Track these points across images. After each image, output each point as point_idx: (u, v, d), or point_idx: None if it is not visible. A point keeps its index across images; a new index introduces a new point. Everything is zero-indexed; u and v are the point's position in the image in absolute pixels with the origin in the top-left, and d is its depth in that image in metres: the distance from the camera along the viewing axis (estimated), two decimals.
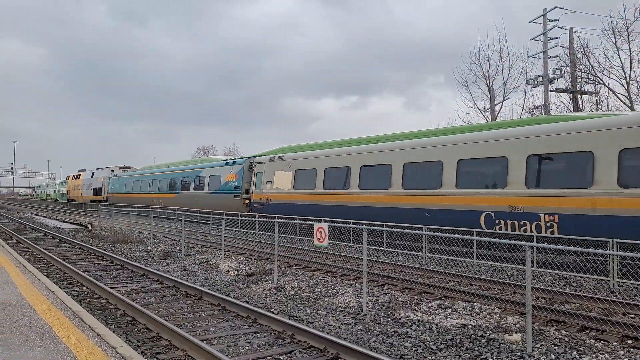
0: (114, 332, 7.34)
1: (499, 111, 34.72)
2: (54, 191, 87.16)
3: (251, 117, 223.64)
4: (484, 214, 15.93)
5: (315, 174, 23.77)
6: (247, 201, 28.96)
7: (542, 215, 14.43)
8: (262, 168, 28.14)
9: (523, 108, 34.05)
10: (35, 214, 47.91)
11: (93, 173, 60.81)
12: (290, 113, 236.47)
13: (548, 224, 14.22)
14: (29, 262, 14.31)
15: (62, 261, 15.44)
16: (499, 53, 36.25)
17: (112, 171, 55.84)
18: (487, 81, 35.28)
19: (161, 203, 39.39)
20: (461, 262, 15.02)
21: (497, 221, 15.57)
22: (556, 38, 31.82)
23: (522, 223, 14.91)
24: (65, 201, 71.31)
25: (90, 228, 29.78)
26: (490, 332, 8.09)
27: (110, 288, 11.27)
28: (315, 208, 22.94)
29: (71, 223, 33.96)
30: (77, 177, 66.35)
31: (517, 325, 8.46)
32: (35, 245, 20.04)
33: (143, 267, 14.51)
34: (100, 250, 18.71)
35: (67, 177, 74.55)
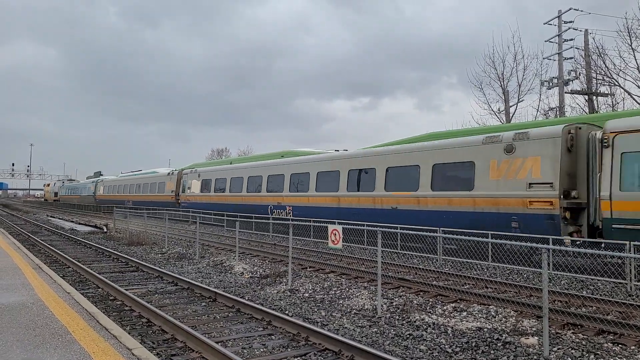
0: (129, 333, 7.38)
1: (514, 113, 34.46)
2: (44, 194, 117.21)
3: (264, 118, 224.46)
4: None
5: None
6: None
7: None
8: (100, 183, 64.82)
9: (538, 110, 33.80)
10: (51, 216, 48.35)
11: (55, 183, 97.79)
12: (302, 114, 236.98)
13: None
14: (45, 263, 14.43)
15: (77, 263, 15.57)
16: (513, 55, 36.06)
17: (63, 182, 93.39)
18: (502, 83, 35.03)
19: (76, 201, 71.56)
20: (476, 265, 14.92)
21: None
22: (571, 39, 31.58)
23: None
24: (44, 201, 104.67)
25: (105, 230, 30.03)
26: (506, 335, 8.03)
27: (126, 290, 11.33)
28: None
29: (87, 225, 34.25)
30: (48, 185, 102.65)
31: (533, 329, 8.39)
32: (51, 247, 20.22)
33: (158, 269, 14.59)
34: (115, 252, 18.84)
35: (44, 185, 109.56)
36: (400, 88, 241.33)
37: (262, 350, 7.43)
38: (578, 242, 13.54)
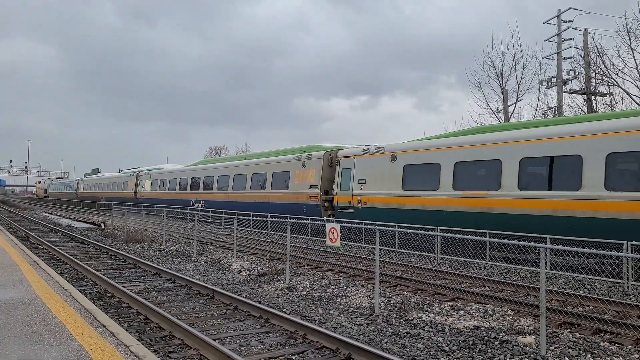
0: (127, 330, 7.38)
1: (512, 112, 34.40)
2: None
3: (263, 117, 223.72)
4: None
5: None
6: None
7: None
8: (81, 182, 73.21)
9: (536, 109, 33.73)
10: (49, 213, 48.29)
11: (45, 180, 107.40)
12: (301, 113, 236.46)
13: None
14: (42, 260, 14.41)
15: (75, 260, 15.56)
16: (512, 54, 35.98)
17: (52, 180, 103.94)
18: (500, 82, 34.91)
19: (60, 196, 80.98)
20: (474, 264, 14.94)
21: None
22: (570, 39, 31.51)
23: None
24: (36, 197, 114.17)
25: (103, 227, 29.98)
26: (504, 334, 8.04)
27: (123, 287, 11.33)
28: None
29: (84, 222, 34.19)
30: (39, 182, 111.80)
31: (530, 328, 8.40)
32: (49, 244, 20.21)
33: (156, 266, 14.58)
34: (113, 249, 18.82)
35: (36, 182, 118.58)
36: (400, 88, 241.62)
37: (259, 347, 7.43)
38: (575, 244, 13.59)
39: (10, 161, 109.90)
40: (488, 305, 9.72)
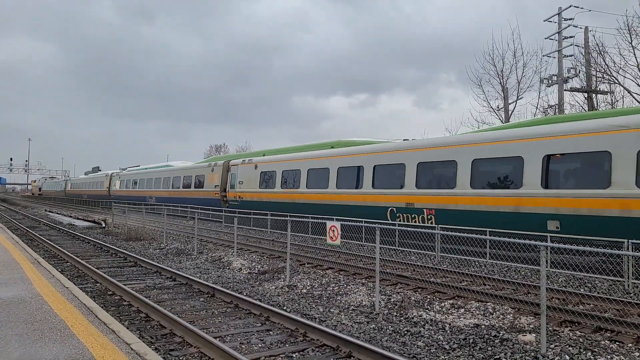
0: (128, 328, 7.38)
1: (513, 110, 34.39)
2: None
3: (263, 115, 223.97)
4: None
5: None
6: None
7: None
8: (68, 181, 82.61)
9: (537, 107, 33.71)
10: (49, 211, 48.30)
11: (40, 180, 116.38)
12: (300, 111, 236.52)
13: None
14: (43, 258, 14.43)
15: (76, 258, 15.56)
16: (513, 52, 35.94)
17: (45, 179, 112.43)
18: (501, 80, 34.85)
19: (52, 194, 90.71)
20: (474, 262, 14.94)
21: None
22: (571, 37, 31.43)
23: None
24: (32, 194, 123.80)
25: (103, 225, 30.00)
26: (504, 332, 8.05)
27: (124, 285, 11.34)
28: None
29: (85, 220, 34.20)
30: (35, 181, 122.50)
31: (530, 326, 8.41)
32: (50, 242, 20.22)
33: (156, 264, 14.60)
34: (113, 247, 18.84)
35: (31, 181, 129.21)
36: (399, 86, 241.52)
37: (260, 345, 7.44)
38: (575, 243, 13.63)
39: (11, 159, 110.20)
40: (488, 304, 9.72)
